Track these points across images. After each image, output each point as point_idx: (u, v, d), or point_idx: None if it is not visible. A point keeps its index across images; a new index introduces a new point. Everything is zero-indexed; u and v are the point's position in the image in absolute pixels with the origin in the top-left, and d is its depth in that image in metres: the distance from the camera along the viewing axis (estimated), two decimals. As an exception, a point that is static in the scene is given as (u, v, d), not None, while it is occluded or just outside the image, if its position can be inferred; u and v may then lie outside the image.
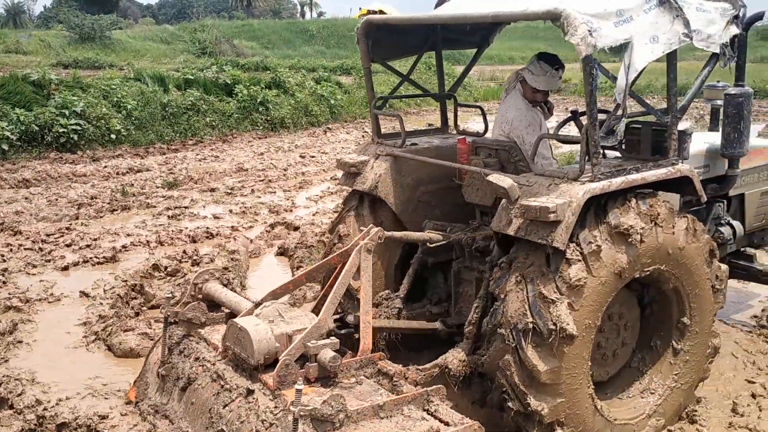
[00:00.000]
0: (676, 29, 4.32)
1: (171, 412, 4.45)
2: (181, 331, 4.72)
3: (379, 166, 5.37)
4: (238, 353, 4.10)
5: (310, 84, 22.10)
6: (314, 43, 52.83)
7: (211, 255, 8.21)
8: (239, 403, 3.95)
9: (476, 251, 5.06)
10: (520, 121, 5.19)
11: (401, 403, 3.72)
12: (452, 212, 5.52)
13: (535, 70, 5.26)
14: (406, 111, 24.12)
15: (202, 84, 19.09)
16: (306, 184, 12.91)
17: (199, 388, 4.29)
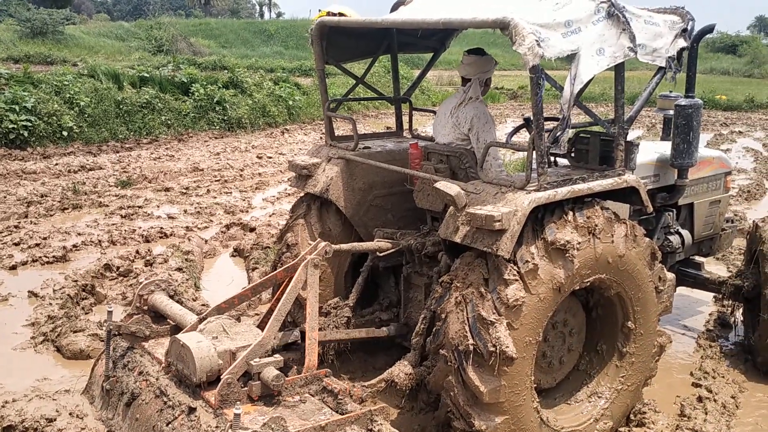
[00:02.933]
0: (622, 43, 4.37)
1: (116, 428, 4.37)
2: (126, 344, 4.62)
3: (331, 169, 5.33)
4: (180, 369, 4.04)
5: (268, 84, 21.97)
6: (273, 44, 52.50)
7: (164, 255, 8.10)
8: (181, 420, 3.87)
9: (426, 257, 5.04)
10: (479, 118, 5.13)
11: (344, 424, 3.67)
12: (404, 217, 5.53)
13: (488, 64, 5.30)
14: (365, 114, 24.19)
15: (157, 82, 18.81)
16: (263, 185, 12.83)
17: (143, 404, 4.20)
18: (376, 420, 3.75)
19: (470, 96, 5.23)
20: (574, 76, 4.16)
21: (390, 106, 5.23)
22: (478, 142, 5.07)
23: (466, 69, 5.29)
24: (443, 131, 5.31)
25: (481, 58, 5.30)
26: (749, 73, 47.04)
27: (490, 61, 5.34)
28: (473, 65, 5.27)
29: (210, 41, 49.04)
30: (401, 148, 5.74)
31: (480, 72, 5.27)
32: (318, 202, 5.47)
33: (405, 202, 5.47)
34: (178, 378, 4.12)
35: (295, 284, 4.28)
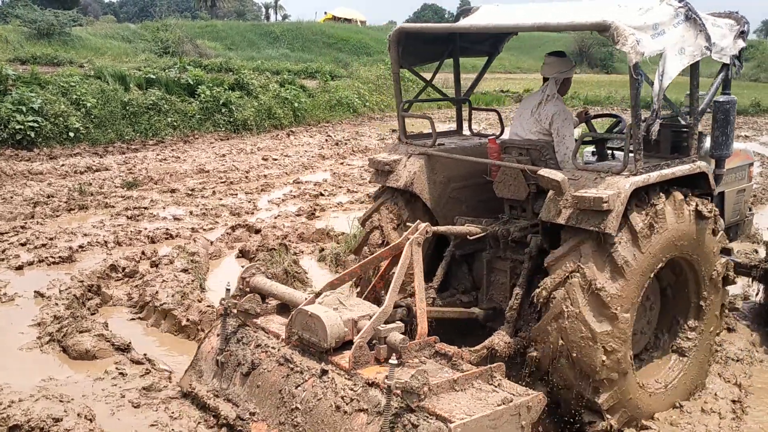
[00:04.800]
0: (699, 43, 4.94)
1: (233, 396, 4.80)
2: (235, 322, 5.05)
3: (413, 164, 5.73)
4: (307, 338, 4.51)
5: (274, 86, 22.01)
6: (279, 46, 52.53)
7: (170, 256, 8.11)
8: (313, 383, 4.36)
9: (512, 242, 5.40)
10: (560, 115, 5.59)
11: (471, 378, 4.13)
12: (477, 207, 5.97)
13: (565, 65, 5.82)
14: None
15: (164, 83, 18.87)
16: (268, 186, 12.84)
17: (264, 372, 4.67)
18: (495, 376, 4.21)
19: (548, 94, 5.72)
20: (662, 73, 4.66)
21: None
22: (559, 137, 5.55)
23: (545, 69, 5.82)
24: (525, 127, 5.76)
25: (560, 59, 5.84)
26: (756, 77, 46.93)
27: (567, 62, 5.85)
28: (552, 65, 5.79)
29: (216, 43, 49.08)
30: (473, 143, 6.18)
31: (557, 72, 5.77)
32: (397, 195, 5.84)
33: (477, 193, 5.97)
34: (301, 347, 4.60)
35: (404, 261, 4.67)
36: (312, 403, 4.30)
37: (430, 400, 3.85)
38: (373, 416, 3.97)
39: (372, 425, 3.95)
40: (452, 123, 5.71)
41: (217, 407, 4.81)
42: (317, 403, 4.27)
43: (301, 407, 4.34)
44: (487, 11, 5.74)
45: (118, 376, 5.47)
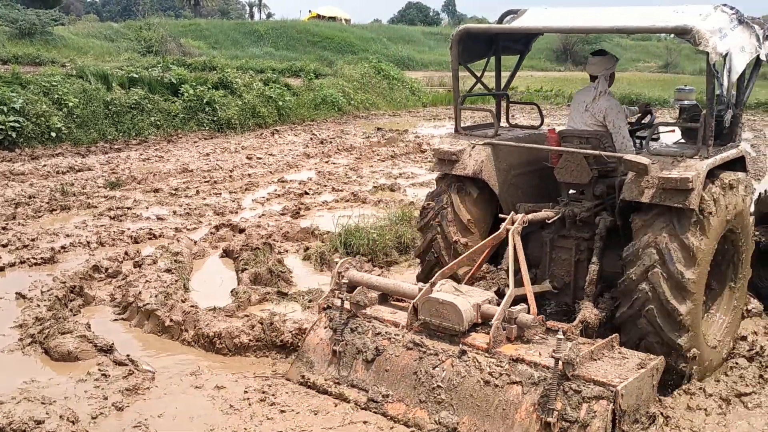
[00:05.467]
0: (752, 42, 5.65)
1: (357, 382, 5.14)
2: (340, 314, 5.37)
3: (479, 154, 6.09)
4: (437, 324, 4.94)
5: (258, 85, 21.92)
6: (263, 45, 52.35)
7: (153, 256, 8.06)
8: (452, 363, 4.79)
9: (580, 221, 5.93)
10: (613, 109, 6.20)
11: (601, 348, 4.68)
12: (532, 193, 6.45)
13: (610, 62, 6.41)
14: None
15: (147, 83, 18.75)
16: (252, 186, 12.79)
17: (392, 357, 5.05)
18: (614, 345, 4.82)
19: (600, 91, 6.27)
20: (729, 70, 5.32)
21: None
22: (615, 128, 6.16)
23: (592, 68, 6.38)
24: (581, 120, 6.32)
25: (605, 57, 6.43)
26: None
27: (612, 59, 6.45)
28: (598, 64, 6.36)
29: (200, 42, 48.84)
30: (527, 134, 6.73)
31: (604, 69, 6.34)
32: (463, 182, 6.20)
33: (532, 180, 6.51)
34: (426, 332, 5.03)
35: (512, 249, 5.29)
36: (456, 380, 4.74)
37: (582, 369, 4.39)
38: (528, 387, 4.48)
39: (528, 395, 4.46)
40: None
41: (342, 393, 5.15)
42: (462, 381, 4.72)
43: (443, 385, 4.77)
44: (536, 13, 6.31)
45: (100, 377, 5.43)
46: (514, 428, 4.46)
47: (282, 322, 6.22)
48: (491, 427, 4.54)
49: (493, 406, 4.57)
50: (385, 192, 12.47)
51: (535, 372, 4.50)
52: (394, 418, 4.90)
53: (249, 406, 5.10)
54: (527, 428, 4.41)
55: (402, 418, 4.87)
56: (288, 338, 6.02)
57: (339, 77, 27.72)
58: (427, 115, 26.59)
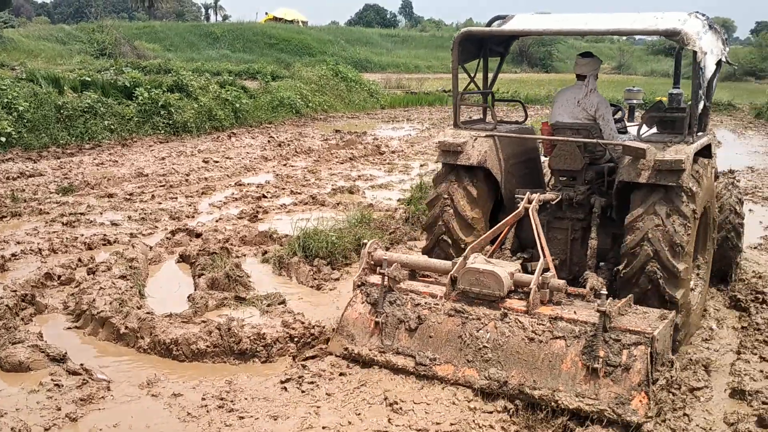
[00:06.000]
0: (719, 46, 6.50)
1: (402, 349, 5.59)
2: (376, 290, 5.86)
3: (482, 145, 6.70)
4: (477, 291, 5.52)
5: (215, 88, 21.69)
6: (219, 47, 51.92)
7: (107, 263, 7.91)
8: (495, 325, 5.37)
9: (576, 204, 6.67)
10: (601, 104, 6.92)
11: (623, 306, 5.32)
12: (522, 180, 7.15)
13: (597, 63, 7.15)
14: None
15: (100, 86, 18.40)
16: (209, 189, 12.65)
17: (434, 324, 5.57)
18: (631, 303, 5.51)
19: (591, 88, 6.98)
20: (704, 68, 6.05)
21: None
22: (604, 120, 6.89)
23: (581, 68, 7.06)
24: (570, 114, 6.99)
25: (592, 59, 7.11)
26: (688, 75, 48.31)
27: (597, 61, 7.19)
28: (588, 65, 7.06)
29: (154, 44, 48.21)
30: (518, 127, 7.39)
31: (593, 69, 7.07)
32: (468, 171, 6.77)
33: (523, 168, 7.21)
34: (465, 300, 5.59)
35: (535, 224, 6.09)
36: (501, 340, 5.30)
37: (616, 322, 5.07)
38: (571, 340, 5.12)
39: (572, 347, 5.09)
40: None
41: (389, 360, 5.59)
42: (507, 340, 5.28)
43: (489, 345, 5.32)
44: (524, 18, 7.00)
45: (53, 387, 5.30)
46: (561, 377, 5.04)
47: (240, 327, 6.15)
48: (539, 378, 5.09)
49: (539, 359, 5.15)
50: (344, 194, 12.45)
51: (575, 327, 5.15)
52: (443, 379, 5.36)
53: (207, 413, 5.04)
54: (574, 375, 5.02)
55: (451, 378, 5.34)
56: (246, 344, 5.96)
57: (296, 79, 27.60)
58: (385, 117, 26.65)
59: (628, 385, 4.85)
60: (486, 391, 5.20)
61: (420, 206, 10.64)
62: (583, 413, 4.87)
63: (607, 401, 4.84)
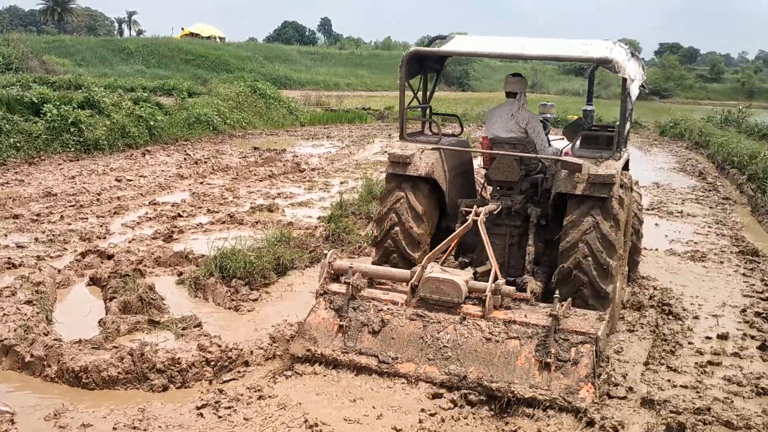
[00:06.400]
0: (641, 72, 7.40)
1: (365, 349, 6.03)
2: (339, 297, 6.31)
3: (429, 157, 7.17)
4: (437, 298, 6.08)
5: (128, 104, 21.06)
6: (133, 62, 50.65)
7: (12, 287, 7.52)
8: (455, 327, 5.94)
9: (513, 212, 7.22)
10: (533, 119, 7.61)
11: (565, 309, 5.94)
12: (461, 190, 7.70)
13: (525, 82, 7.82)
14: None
15: (5, 102, 17.56)
16: (122, 209, 12.24)
17: (396, 327, 6.08)
18: (571, 307, 6.17)
19: (522, 104, 7.62)
20: (629, 94, 6.78)
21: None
22: (535, 133, 7.56)
23: (512, 86, 7.69)
24: (505, 128, 7.58)
25: (521, 78, 7.76)
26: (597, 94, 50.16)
27: (525, 80, 7.85)
28: (518, 83, 7.70)
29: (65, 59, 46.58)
30: (458, 140, 7.93)
31: (522, 87, 7.72)
32: (415, 181, 7.20)
33: (461, 179, 7.77)
34: (425, 306, 6.11)
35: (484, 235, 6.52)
36: (460, 341, 5.86)
37: (564, 324, 5.74)
38: (524, 340, 5.75)
39: (525, 346, 5.72)
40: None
41: (352, 359, 5.99)
42: (465, 340, 5.85)
43: (449, 345, 5.86)
44: (463, 39, 7.52)
45: (-50, 422, 5.00)
46: (516, 371, 5.63)
47: (154, 352, 5.96)
48: (496, 373, 5.65)
49: (495, 357, 5.74)
50: (263, 213, 12.29)
51: (528, 329, 5.79)
52: (405, 376, 5.81)
53: (118, 443, 4.84)
54: (528, 370, 5.62)
55: (413, 374, 5.81)
56: (160, 369, 5.77)
57: (214, 96, 27.16)
58: (305, 134, 26.53)
59: (577, 377, 5.51)
60: (446, 384, 5.70)
61: (340, 224, 10.63)
62: (537, 402, 5.44)
63: (559, 391, 5.46)
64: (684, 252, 10.83)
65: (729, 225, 13.01)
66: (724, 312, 8.14)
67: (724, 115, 30.73)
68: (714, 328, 7.57)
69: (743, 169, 17.95)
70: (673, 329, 7.43)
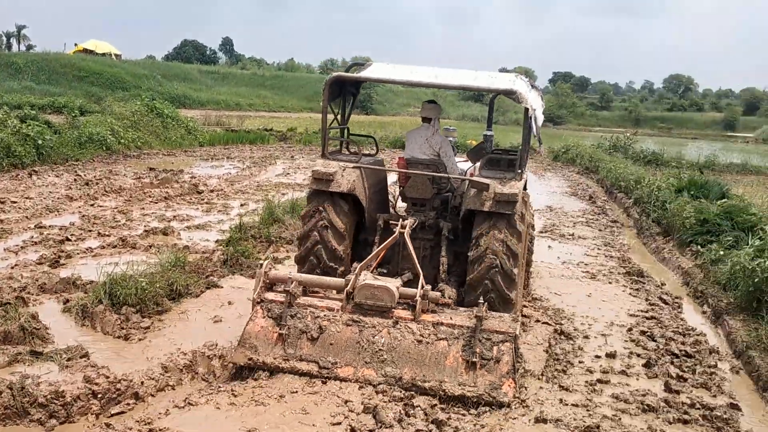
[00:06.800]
0: (540, 102, 8.34)
1: (306, 356, 6.37)
2: (276, 305, 6.68)
3: (350, 175, 7.57)
4: (371, 304, 6.57)
5: (14, 122, 19.99)
6: (22, 78, 48.29)
7: None
8: (389, 331, 6.43)
9: (427, 227, 7.89)
10: (444, 143, 8.39)
11: (486, 311, 6.47)
12: (378, 206, 8.21)
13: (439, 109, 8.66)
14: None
15: None
16: (4, 233, 11.52)
17: (334, 333, 6.47)
18: (487, 310, 6.57)
19: (436, 128, 8.45)
20: (535, 120, 7.54)
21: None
22: (447, 156, 8.34)
23: (428, 112, 8.46)
24: (420, 150, 8.35)
25: (436, 105, 8.66)
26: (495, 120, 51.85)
27: (439, 106, 8.75)
28: (433, 110, 8.51)
29: (-56, 74, 43.97)
30: (371, 159, 8.30)
31: (437, 114, 8.54)
32: (337, 198, 7.61)
33: (378, 195, 8.27)
34: (360, 311, 6.59)
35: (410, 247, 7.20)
36: (394, 343, 6.36)
37: (486, 325, 6.36)
38: (451, 341, 6.34)
39: (453, 346, 6.30)
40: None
41: (294, 366, 6.31)
42: (399, 343, 6.37)
43: (384, 348, 6.34)
44: (380, 67, 8.17)
45: None
46: (446, 370, 6.17)
47: (35, 385, 5.65)
48: (428, 372, 6.17)
49: (427, 357, 6.27)
50: (157, 236, 11.88)
51: (454, 330, 6.39)
52: (345, 379, 6.19)
53: (-9, 486, 4.51)
54: (456, 368, 6.19)
55: (352, 377, 6.22)
56: (43, 403, 5.44)
57: (108, 114, 26.24)
58: (204, 154, 25.99)
59: (499, 374, 6.10)
60: (384, 386, 6.12)
61: (239, 247, 10.43)
62: (466, 398, 5.97)
63: (484, 387, 6.02)
64: (575, 273, 11.24)
65: (617, 247, 13.63)
66: (612, 331, 8.48)
67: (612, 142, 32.31)
68: (603, 347, 7.87)
69: (629, 193, 18.88)
70: (564, 348, 7.67)
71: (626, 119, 73.73)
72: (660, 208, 15.19)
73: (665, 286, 10.85)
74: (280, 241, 11.69)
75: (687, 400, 6.54)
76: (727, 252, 10.75)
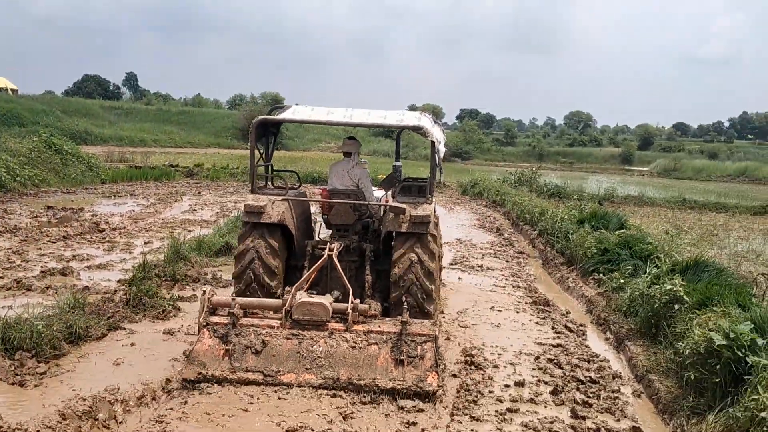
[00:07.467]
0: (442, 135, 9.16)
1: (251, 367, 7.09)
2: (221, 326, 7.39)
3: (279, 206, 8.35)
4: (308, 319, 7.42)
5: None
6: None
7: None
8: (326, 341, 7.29)
9: (351, 249, 8.71)
10: (363, 175, 9.35)
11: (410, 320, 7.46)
12: (305, 234, 9.06)
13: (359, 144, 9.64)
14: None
15: None
16: None
17: (276, 346, 7.25)
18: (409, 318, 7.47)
19: (356, 162, 9.40)
20: (438, 151, 8.44)
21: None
22: (365, 187, 9.29)
23: (348, 147, 9.48)
24: (341, 182, 9.29)
25: (355, 141, 9.61)
26: (405, 155, 52.63)
27: (359, 142, 9.74)
28: (353, 145, 9.50)
29: None
30: (295, 192, 9.00)
31: (356, 149, 9.52)
32: (268, 228, 8.35)
33: (303, 224, 9.03)
34: (298, 326, 7.41)
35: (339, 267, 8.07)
36: (330, 351, 7.21)
37: (410, 329, 7.34)
38: (381, 345, 7.27)
39: (383, 349, 7.23)
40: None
41: (241, 377, 7.02)
42: (335, 350, 7.22)
43: (322, 355, 7.16)
44: (299, 109, 8.77)
45: None
46: (378, 370, 7.08)
47: None
48: (362, 373, 7.05)
49: (360, 360, 7.16)
50: (55, 277, 11.35)
51: (383, 335, 7.35)
52: (288, 385, 6.93)
53: None
54: (386, 367, 7.11)
55: (294, 382, 6.98)
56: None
57: (2, 151, 25.07)
58: (106, 192, 25.15)
59: (424, 368, 7.07)
60: (323, 386, 6.93)
61: (142, 287, 10.07)
62: (396, 390, 6.91)
63: (412, 380, 6.98)
64: (484, 304, 11.41)
65: (523, 277, 13.95)
66: (520, 360, 8.63)
67: (517, 176, 33.25)
68: (512, 376, 7.99)
69: (534, 225, 19.42)
70: (475, 379, 7.74)
71: (530, 154, 76.15)
72: (563, 238, 15.65)
73: (570, 314, 11.15)
74: (186, 279, 11.38)
75: (593, 426, 6.70)
76: (627, 280, 11.17)
